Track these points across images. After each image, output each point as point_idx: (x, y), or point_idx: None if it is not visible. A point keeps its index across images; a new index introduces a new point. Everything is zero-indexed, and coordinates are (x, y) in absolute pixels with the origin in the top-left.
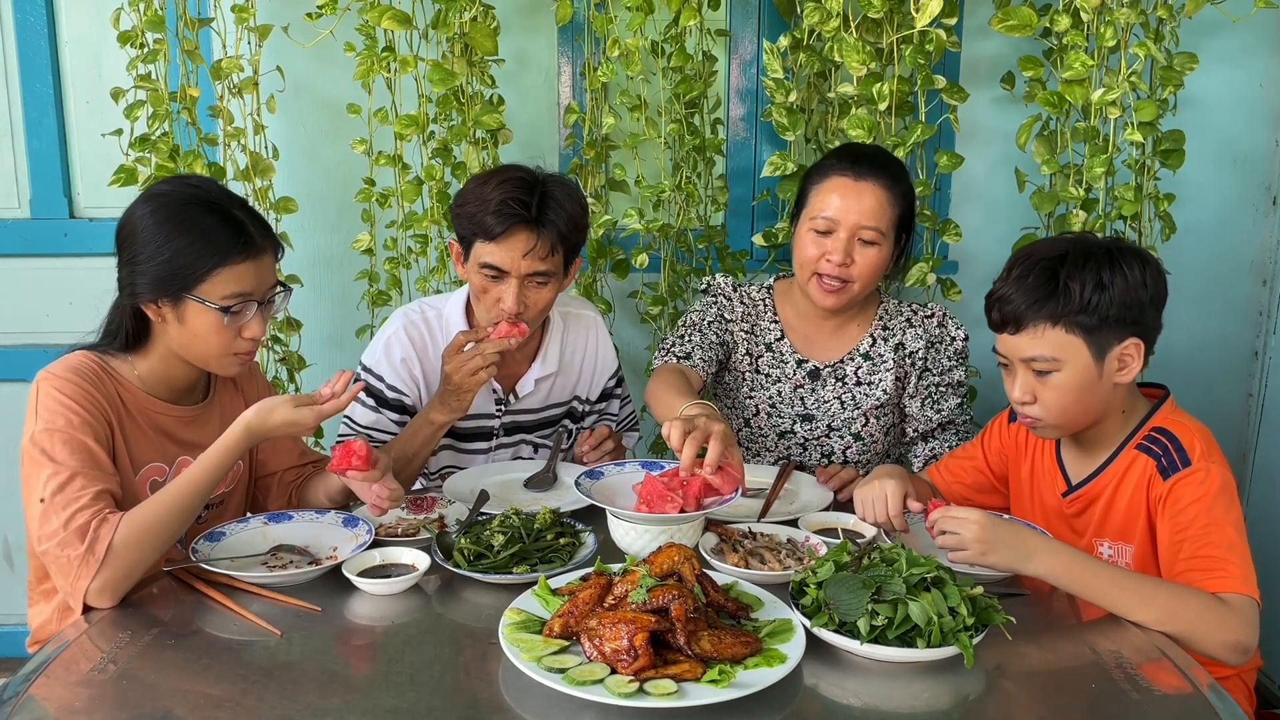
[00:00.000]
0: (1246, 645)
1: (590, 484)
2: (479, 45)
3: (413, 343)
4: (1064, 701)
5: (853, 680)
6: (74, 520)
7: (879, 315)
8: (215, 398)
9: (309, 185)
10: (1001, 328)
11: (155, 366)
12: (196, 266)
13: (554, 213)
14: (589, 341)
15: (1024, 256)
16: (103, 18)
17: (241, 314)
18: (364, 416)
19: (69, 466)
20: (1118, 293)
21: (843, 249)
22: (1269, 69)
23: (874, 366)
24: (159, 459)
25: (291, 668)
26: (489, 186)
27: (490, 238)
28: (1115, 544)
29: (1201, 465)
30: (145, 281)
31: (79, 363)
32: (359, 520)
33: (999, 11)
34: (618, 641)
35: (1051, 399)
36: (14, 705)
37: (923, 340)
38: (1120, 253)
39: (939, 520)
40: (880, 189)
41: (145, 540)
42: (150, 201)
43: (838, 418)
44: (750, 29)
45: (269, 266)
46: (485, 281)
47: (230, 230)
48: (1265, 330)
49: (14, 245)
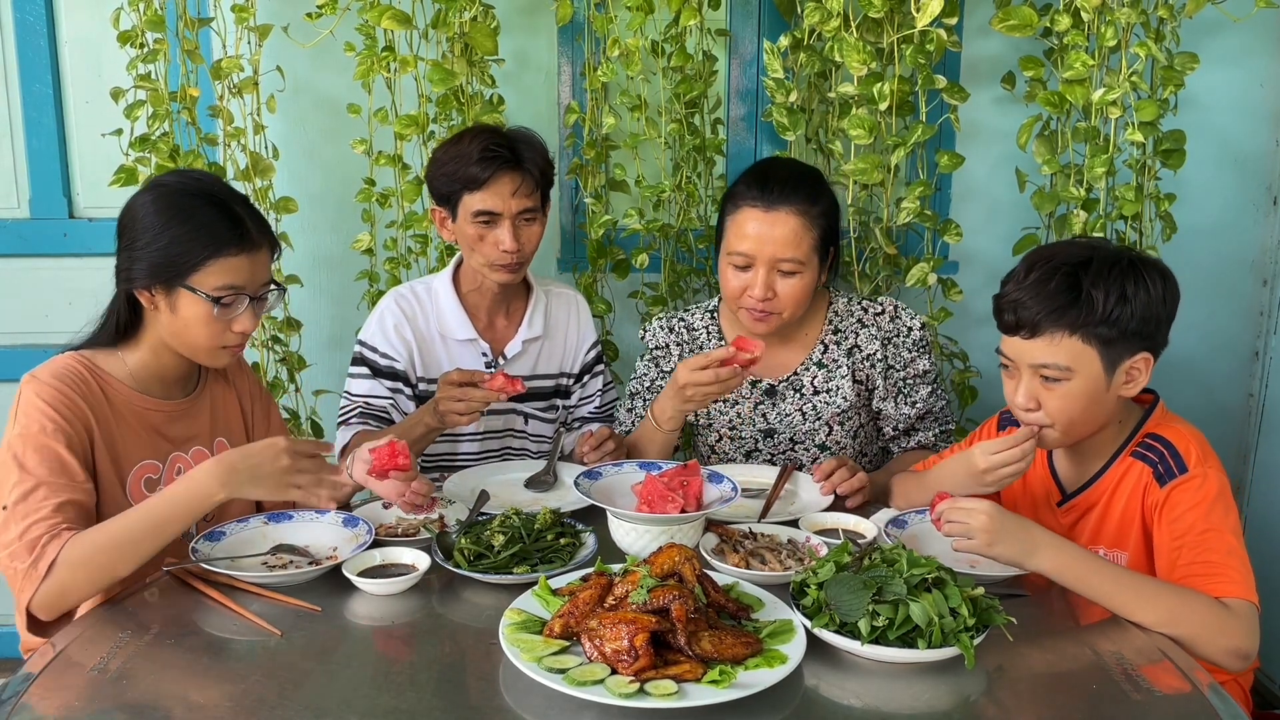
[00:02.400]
0: (1247, 651)
1: (590, 484)
2: (479, 45)
3: (403, 310)
4: (1064, 702)
5: (853, 681)
6: (28, 533)
7: (829, 319)
8: (205, 390)
9: (309, 185)
10: (1014, 331)
11: (146, 358)
12: (191, 255)
13: (528, 152)
14: (570, 313)
15: (1043, 259)
16: (103, 18)
17: (232, 307)
18: (359, 387)
19: (35, 476)
20: (1139, 306)
21: (763, 283)
22: (1269, 69)
23: (829, 374)
24: (151, 456)
25: (291, 668)
26: (462, 144)
27: (479, 186)
28: (1110, 551)
29: (1198, 471)
30: (141, 267)
31: (63, 366)
32: (359, 520)
33: (999, 11)
34: (618, 642)
35: (1058, 408)
36: (14, 705)
37: (878, 340)
38: (1143, 265)
39: (946, 510)
40: (793, 216)
41: (91, 562)
42: (153, 190)
43: (799, 430)
44: (750, 29)
45: (264, 263)
46: (479, 229)
47: (228, 223)
48: (1265, 330)
49: (14, 245)
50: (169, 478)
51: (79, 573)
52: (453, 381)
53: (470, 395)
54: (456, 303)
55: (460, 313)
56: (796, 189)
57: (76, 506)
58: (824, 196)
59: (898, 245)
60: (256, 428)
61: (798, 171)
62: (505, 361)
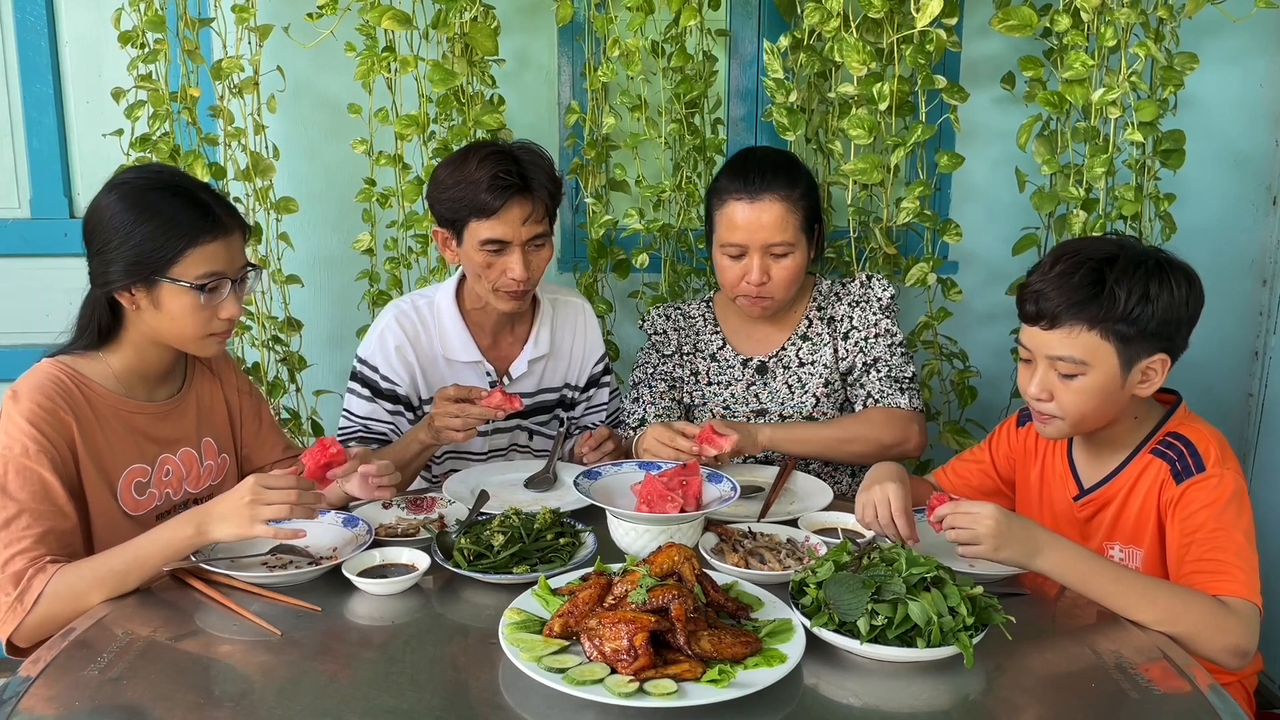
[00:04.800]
0: (1245, 649)
1: (589, 484)
2: (479, 45)
3: (405, 331)
4: (1064, 701)
5: (853, 680)
6: (10, 564)
7: (813, 297)
8: (190, 389)
9: (309, 185)
10: (1034, 321)
11: (129, 359)
12: (168, 248)
13: (536, 176)
14: (578, 326)
15: (1069, 252)
16: (103, 18)
17: (217, 292)
18: (360, 407)
19: (18, 502)
20: (1161, 308)
21: (758, 268)
22: (1269, 69)
23: (814, 346)
24: (139, 460)
25: (291, 668)
26: (469, 167)
27: (489, 214)
28: (1126, 547)
29: (1215, 471)
30: (118, 269)
31: (44, 379)
32: (359, 520)
33: (999, 11)
34: (618, 641)
35: (1070, 401)
36: (14, 705)
37: (847, 304)
38: (1169, 267)
39: (951, 516)
40: (777, 202)
41: (74, 594)
42: (115, 190)
43: (788, 404)
44: (750, 29)
45: (238, 246)
46: (488, 257)
47: (197, 212)
48: (1265, 330)
49: (14, 245)
50: (158, 480)
51: (63, 605)
52: (449, 398)
53: (467, 412)
54: (460, 323)
55: (464, 333)
56: (776, 175)
57: (58, 536)
58: (802, 178)
59: (897, 245)
60: (246, 425)
61: (774, 159)
62: (510, 382)
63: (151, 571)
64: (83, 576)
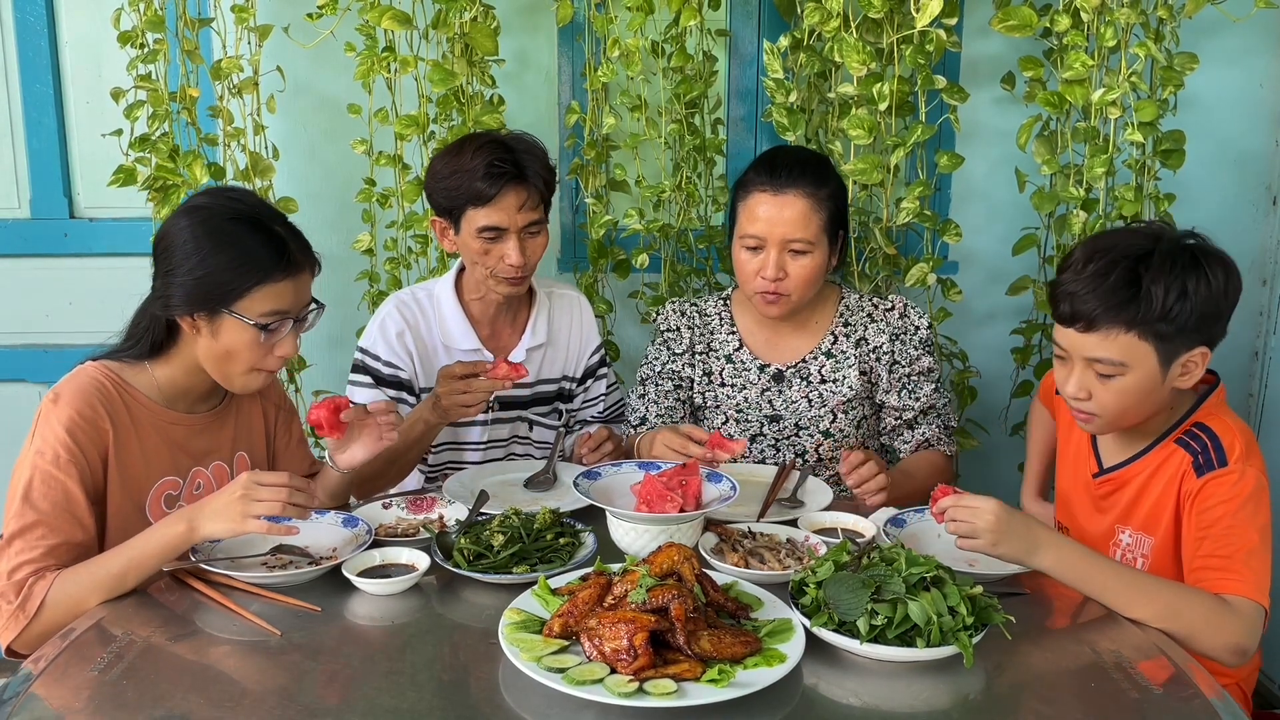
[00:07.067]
0: (1245, 648)
1: (589, 484)
2: (479, 45)
3: (405, 319)
4: (1063, 701)
5: (852, 680)
6: (17, 573)
7: (839, 312)
8: (231, 401)
9: (309, 185)
10: (1069, 322)
11: (176, 374)
12: (237, 283)
13: (530, 164)
14: (574, 317)
15: (1102, 250)
16: (103, 18)
17: (277, 331)
18: (363, 397)
19: (38, 512)
20: (1199, 302)
21: (774, 264)
22: (1269, 69)
23: (837, 364)
24: (172, 472)
25: (291, 668)
26: (465, 156)
27: (485, 202)
28: (1136, 534)
29: (1237, 467)
30: (182, 294)
31: (88, 382)
32: (358, 520)
33: (999, 11)
34: (617, 641)
35: (1110, 401)
36: (14, 705)
37: (886, 334)
38: (1205, 256)
39: (951, 508)
40: (802, 198)
41: (73, 598)
42: (191, 214)
43: (805, 416)
44: (750, 29)
45: (306, 284)
46: (485, 244)
47: (273, 248)
48: (1265, 330)
49: (14, 245)
50: (189, 494)
51: (63, 611)
52: (454, 375)
53: (475, 386)
54: (459, 312)
55: (464, 322)
56: (804, 172)
57: (70, 549)
58: (831, 180)
59: (897, 245)
60: (278, 438)
61: (805, 157)
62: None
63: (149, 571)
64: (81, 581)
